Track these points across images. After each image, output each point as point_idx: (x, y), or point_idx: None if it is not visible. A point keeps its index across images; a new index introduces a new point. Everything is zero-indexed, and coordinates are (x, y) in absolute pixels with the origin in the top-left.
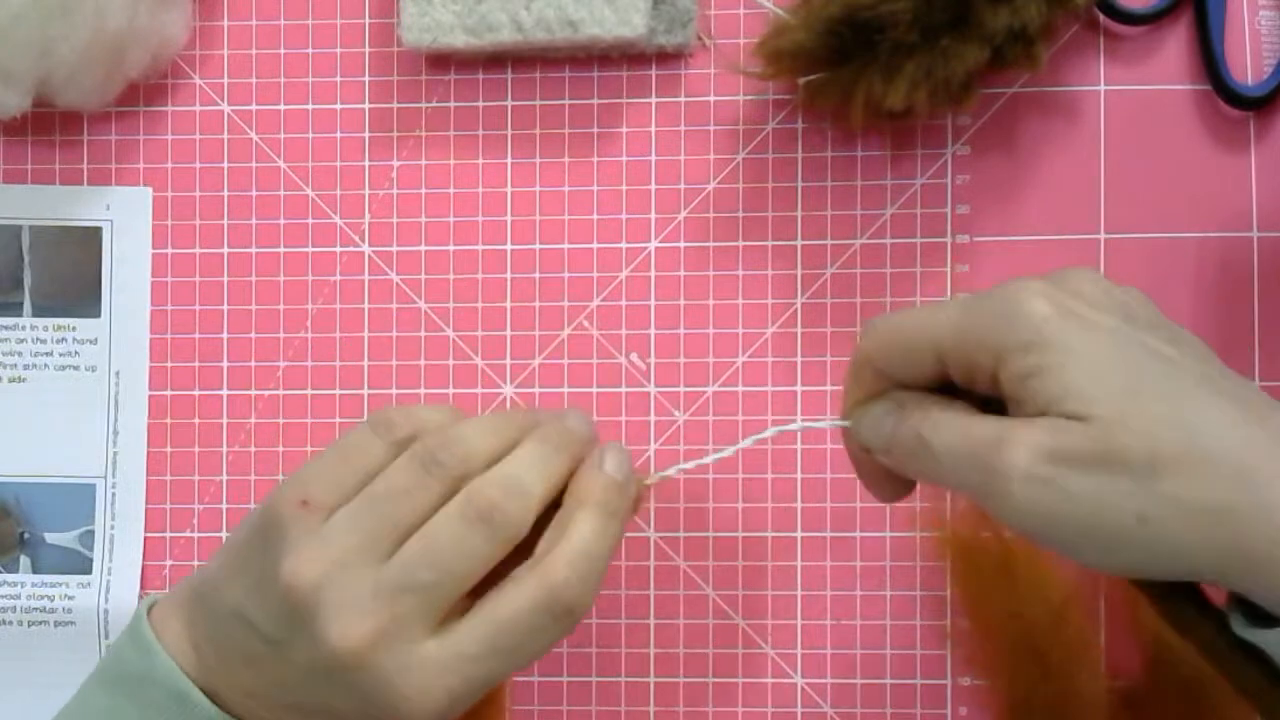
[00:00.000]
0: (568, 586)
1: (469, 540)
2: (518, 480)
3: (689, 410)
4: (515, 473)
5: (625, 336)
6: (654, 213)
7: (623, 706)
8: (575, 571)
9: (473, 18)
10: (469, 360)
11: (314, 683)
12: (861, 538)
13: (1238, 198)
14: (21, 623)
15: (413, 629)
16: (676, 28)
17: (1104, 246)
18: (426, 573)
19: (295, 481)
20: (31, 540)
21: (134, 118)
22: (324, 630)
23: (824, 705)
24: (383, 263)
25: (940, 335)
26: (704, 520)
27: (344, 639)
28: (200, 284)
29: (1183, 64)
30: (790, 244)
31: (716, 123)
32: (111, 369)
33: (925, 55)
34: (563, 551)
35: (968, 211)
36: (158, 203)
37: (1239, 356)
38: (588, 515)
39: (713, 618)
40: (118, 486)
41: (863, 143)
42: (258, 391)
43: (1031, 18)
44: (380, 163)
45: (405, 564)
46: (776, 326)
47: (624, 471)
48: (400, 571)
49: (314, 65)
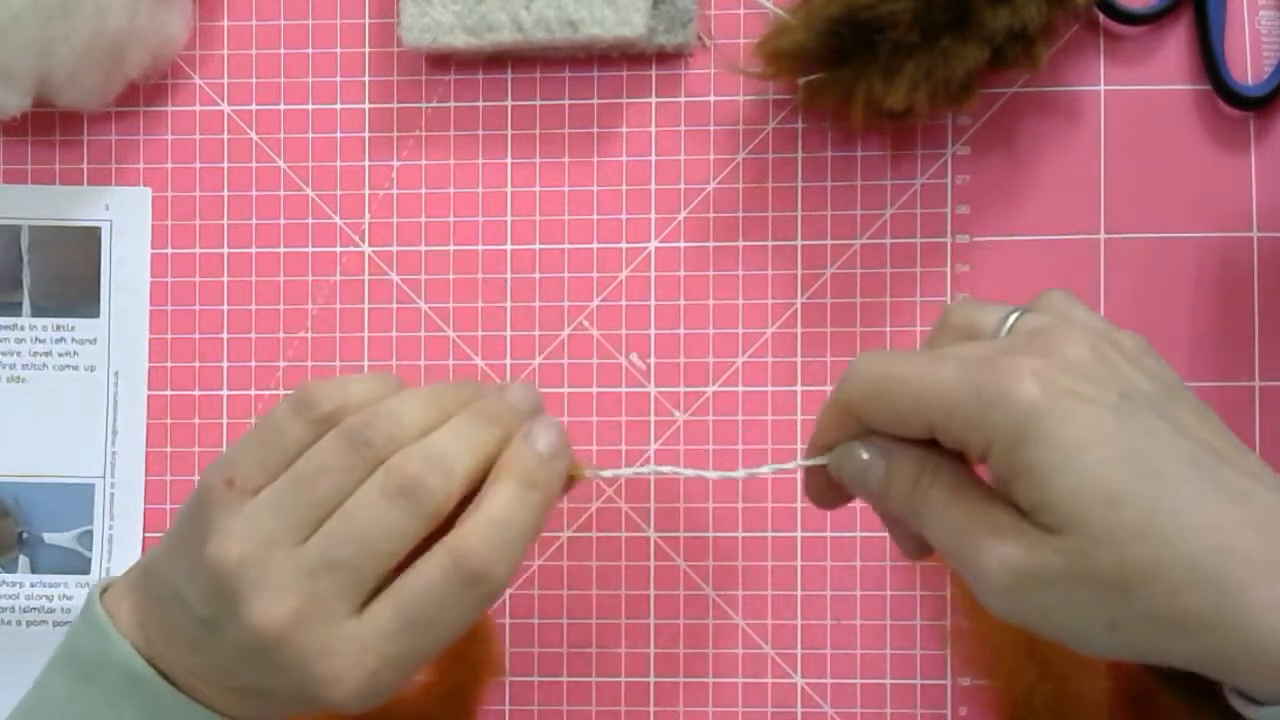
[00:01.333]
0: (475, 554)
1: (389, 516)
2: (440, 454)
3: (689, 410)
4: (439, 447)
5: (625, 336)
6: (654, 213)
7: (623, 706)
8: (485, 540)
9: (473, 18)
10: (469, 360)
11: (246, 663)
12: (861, 538)
13: (1238, 198)
14: (20, 623)
15: (333, 608)
16: (676, 28)
17: (1104, 246)
18: (345, 550)
19: (223, 461)
20: (30, 540)
21: (134, 118)
22: (247, 610)
23: (824, 705)
24: (383, 263)
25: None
26: (704, 520)
27: (265, 618)
28: (200, 284)
29: (1183, 64)
30: (790, 244)
31: (716, 123)
32: (110, 369)
33: (925, 55)
34: (474, 520)
35: (968, 211)
36: (157, 203)
37: (1239, 356)
38: (504, 485)
39: (713, 618)
40: (116, 487)
41: (863, 143)
42: (258, 391)
43: (1031, 18)
44: (380, 163)
45: (325, 542)
46: (776, 326)
47: (552, 446)
48: (319, 550)
49: (314, 65)
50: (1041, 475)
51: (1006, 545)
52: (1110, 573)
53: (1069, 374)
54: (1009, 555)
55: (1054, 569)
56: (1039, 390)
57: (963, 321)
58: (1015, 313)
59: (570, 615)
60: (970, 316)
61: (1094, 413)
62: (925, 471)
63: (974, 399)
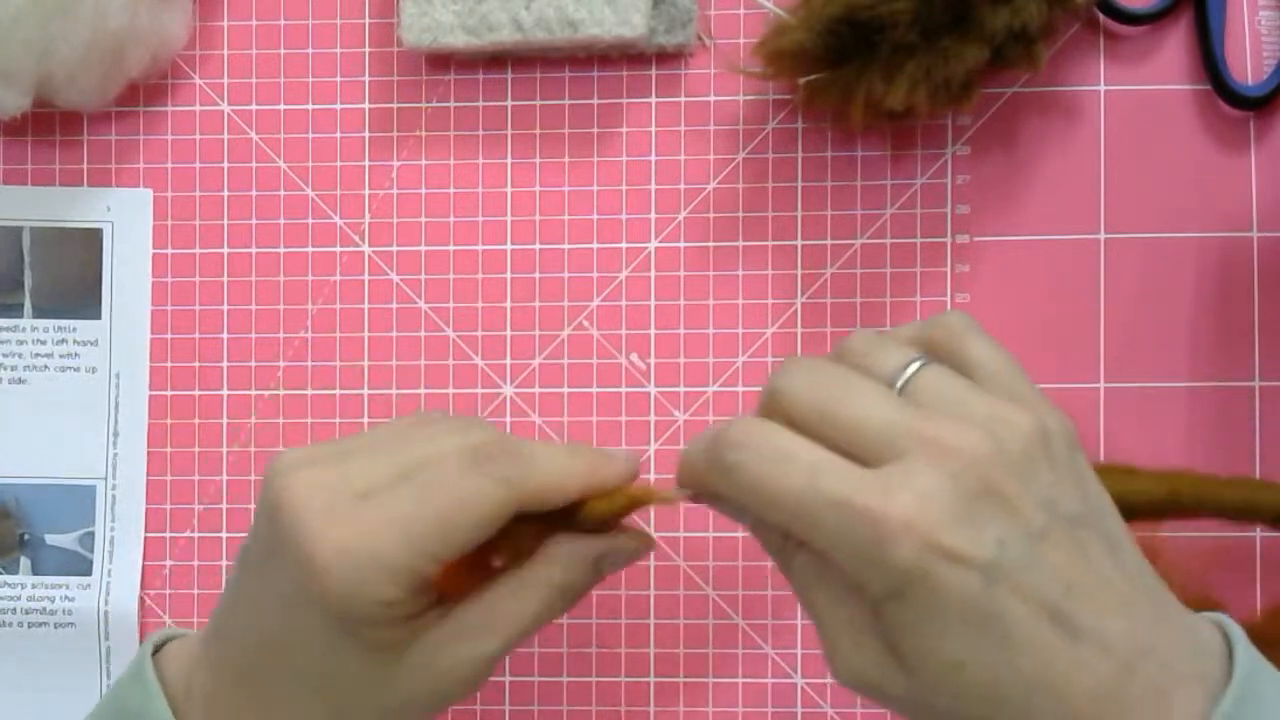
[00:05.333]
0: (493, 442)
1: (465, 477)
2: (530, 453)
3: (689, 410)
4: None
5: (625, 336)
6: (654, 213)
7: (623, 706)
8: (503, 442)
9: (473, 18)
10: (469, 360)
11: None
12: None
13: (1238, 198)
14: (22, 624)
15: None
16: (676, 28)
17: (1104, 246)
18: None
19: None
20: (32, 542)
21: (134, 118)
22: (276, 496)
23: (824, 705)
24: (383, 263)
25: (805, 532)
26: (704, 520)
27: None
28: (200, 284)
29: (1183, 64)
30: (790, 244)
31: (716, 123)
32: (112, 370)
33: (925, 55)
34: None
35: (968, 211)
36: (158, 203)
37: (1239, 356)
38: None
39: (713, 618)
40: (118, 488)
41: (863, 143)
42: (258, 391)
43: (1031, 18)
44: (380, 163)
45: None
46: (776, 326)
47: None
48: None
49: (314, 65)
50: (900, 630)
51: (858, 657)
52: (945, 715)
53: (947, 521)
54: (857, 667)
55: (894, 693)
56: (913, 555)
57: (862, 359)
58: (916, 363)
59: (570, 615)
60: (870, 355)
61: (963, 581)
62: (789, 545)
63: (850, 547)
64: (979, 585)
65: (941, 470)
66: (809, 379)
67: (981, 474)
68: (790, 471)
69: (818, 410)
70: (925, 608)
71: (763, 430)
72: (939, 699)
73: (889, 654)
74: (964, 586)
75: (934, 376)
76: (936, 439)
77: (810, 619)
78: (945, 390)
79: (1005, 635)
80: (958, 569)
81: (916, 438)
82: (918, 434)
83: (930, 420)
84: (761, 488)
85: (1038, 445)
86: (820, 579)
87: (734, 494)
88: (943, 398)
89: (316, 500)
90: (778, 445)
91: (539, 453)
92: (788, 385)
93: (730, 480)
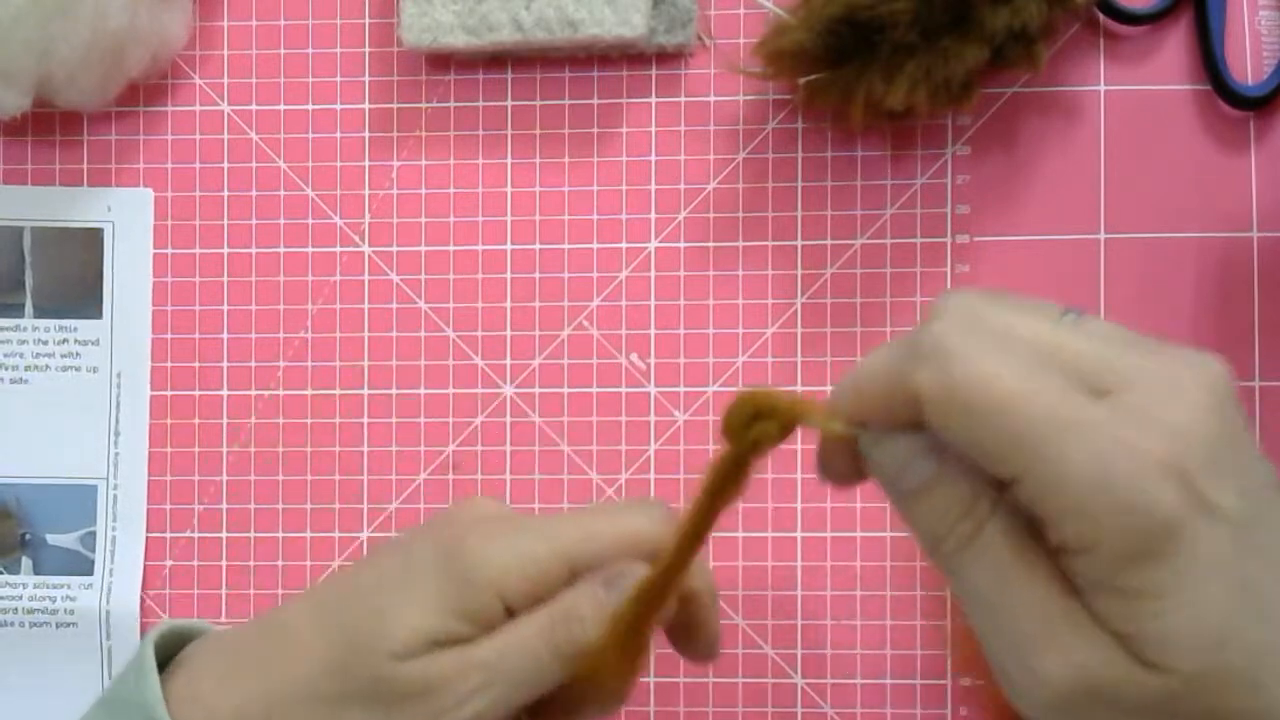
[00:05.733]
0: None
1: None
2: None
3: (689, 410)
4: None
5: (625, 336)
6: (654, 213)
7: (622, 706)
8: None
9: (473, 18)
10: (469, 360)
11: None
12: (861, 538)
13: (1238, 198)
14: (23, 624)
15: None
16: (676, 28)
17: (1104, 246)
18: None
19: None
20: (33, 541)
21: (134, 118)
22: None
23: (824, 705)
24: (383, 263)
25: (1038, 475)
26: None
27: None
28: (200, 284)
29: (1183, 64)
30: (790, 244)
31: (716, 123)
32: (113, 370)
33: (925, 55)
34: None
35: (968, 211)
36: (158, 203)
37: (1239, 356)
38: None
39: None
40: (119, 488)
41: (863, 143)
42: (258, 391)
43: (1031, 18)
44: (380, 163)
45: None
46: (776, 326)
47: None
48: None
49: (314, 65)
50: (1156, 602)
51: (1083, 653)
52: (1193, 716)
53: (1204, 463)
54: (1084, 665)
55: (1138, 701)
56: (1178, 498)
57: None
58: (1073, 313)
59: None
60: (1022, 311)
61: (1218, 534)
62: (982, 504)
63: (1099, 488)
64: (1230, 543)
65: (1184, 404)
66: (1008, 309)
67: (1220, 414)
68: (1041, 389)
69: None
70: (1182, 570)
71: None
72: (1190, 696)
73: (1120, 646)
74: (1218, 543)
75: (1098, 322)
76: (1162, 372)
77: (985, 620)
78: (1119, 332)
79: (1260, 612)
80: (1213, 523)
81: (1141, 369)
82: (1139, 365)
83: (1151, 353)
84: (1001, 404)
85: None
86: (1017, 560)
87: (973, 434)
88: (1124, 337)
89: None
90: (1027, 363)
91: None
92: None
93: (984, 407)
